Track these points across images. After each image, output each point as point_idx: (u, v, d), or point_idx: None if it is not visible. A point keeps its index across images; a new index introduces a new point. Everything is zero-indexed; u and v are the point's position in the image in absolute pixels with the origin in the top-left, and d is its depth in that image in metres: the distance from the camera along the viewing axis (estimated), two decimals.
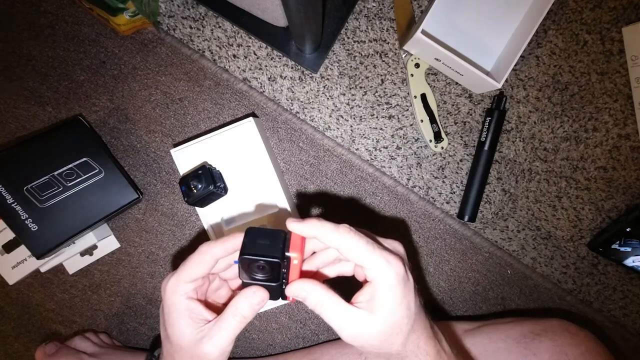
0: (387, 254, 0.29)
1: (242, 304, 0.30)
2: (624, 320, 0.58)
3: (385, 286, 0.29)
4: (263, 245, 0.29)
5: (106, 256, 0.56)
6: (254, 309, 0.30)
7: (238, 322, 0.30)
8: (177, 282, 0.31)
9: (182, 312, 0.30)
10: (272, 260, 0.29)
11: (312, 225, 0.29)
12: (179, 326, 0.30)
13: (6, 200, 0.46)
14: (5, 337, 0.57)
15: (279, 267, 0.29)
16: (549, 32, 0.56)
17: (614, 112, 0.56)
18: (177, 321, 0.30)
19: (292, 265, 0.30)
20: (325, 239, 0.29)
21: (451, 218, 0.57)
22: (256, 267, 0.29)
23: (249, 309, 0.30)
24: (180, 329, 0.30)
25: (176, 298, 0.31)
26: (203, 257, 0.31)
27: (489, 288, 0.58)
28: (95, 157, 0.50)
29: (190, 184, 0.45)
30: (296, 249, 0.30)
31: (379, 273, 0.29)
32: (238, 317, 0.30)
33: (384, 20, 0.55)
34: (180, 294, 0.30)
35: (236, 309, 0.30)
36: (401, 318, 0.29)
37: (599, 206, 0.57)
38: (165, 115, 0.55)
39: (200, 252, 0.31)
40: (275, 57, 0.55)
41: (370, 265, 0.29)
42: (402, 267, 0.29)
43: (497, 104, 0.55)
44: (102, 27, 0.55)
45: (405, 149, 0.56)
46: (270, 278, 0.30)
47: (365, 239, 0.29)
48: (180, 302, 0.30)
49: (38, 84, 0.55)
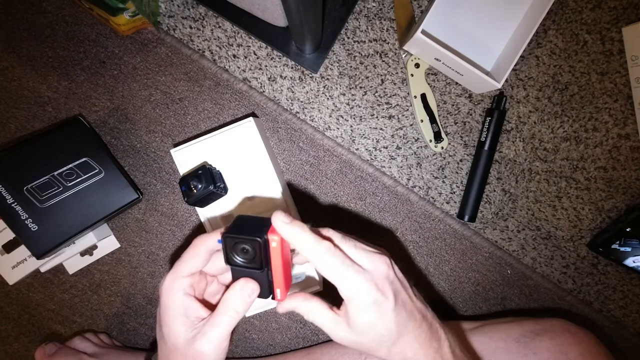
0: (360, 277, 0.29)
1: (233, 298, 0.30)
2: (624, 320, 0.58)
3: (356, 309, 0.29)
4: (247, 228, 0.29)
5: (106, 256, 0.56)
6: (246, 302, 0.30)
7: (231, 318, 0.30)
8: (174, 277, 0.31)
9: (178, 310, 0.30)
10: (252, 238, 0.28)
11: (294, 231, 0.29)
12: (174, 325, 0.30)
13: (6, 200, 0.46)
14: (5, 337, 0.57)
15: (260, 249, 0.29)
16: (549, 32, 0.56)
17: (614, 112, 0.56)
18: (172, 320, 0.30)
19: (271, 248, 0.29)
20: (301, 249, 0.29)
21: (451, 218, 0.57)
22: (239, 250, 0.29)
23: (240, 303, 0.30)
24: (176, 327, 0.30)
25: (173, 295, 0.30)
26: (197, 250, 0.31)
27: (489, 288, 0.58)
28: (95, 157, 0.50)
29: (190, 184, 0.45)
30: (275, 233, 0.29)
31: (350, 296, 0.29)
32: (230, 311, 0.30)
33: (384, 20, 0.55)
34: (177, 290, 0.30)
35: (228, 304, 0.30)
36: (379, 336, 0.29)
37: (599, 206, 0.57)
38: (165, 115, 0.55)
39: (194, 245, 0.31)
40: (275, 57, 0.55)
41: (341, 287, 0.29)
42: (375, 290, 0.29)
43: (497, 104, 0.55)
44: (102, 27, 0.55)
45: (405, 149, 0.56)
46: (254, 263, 0.30)
47: (341, 260, 0.29)
48: (176, 299, 0.30)
49: (38, 84, 0.55)
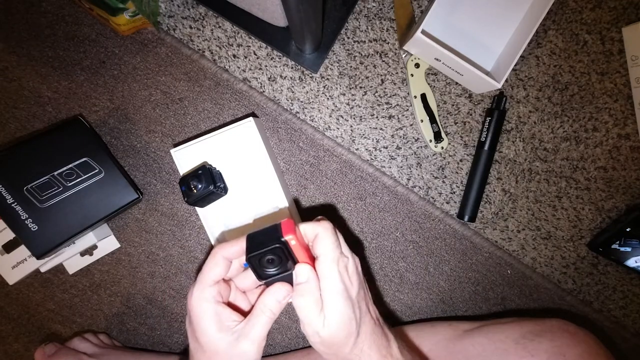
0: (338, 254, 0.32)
1: (268, 300, 0.32)
2: (624, 320, 0.58)
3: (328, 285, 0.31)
4: (263, 241, 0.31)
5: (106, 256, 0.56)
6: (281, 303, 0.32)
7: (268, 318, 0.32)
8: (202, 288, 0.32)
9: (211, 318, 0.31)
10: (273, 247, 0.30)
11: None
12: (211, 332, 0.31)
13: (6, 200, 0.46)
14: (5, 337, 0.57)
15: (283, 252, 0.31)
16: (549, 32, 0.56)
17: (614, 112, 0.56)
18: (208, 329, 0.31)
19: (291, 246, 0.31)
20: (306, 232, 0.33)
21: (451, 218, 0.57)
22: (266, 263, 0.31)
23: (275, 304, 0.32)
24: (213, 334, 0.31)
25: (203, 305, 0.32)
26: (217, 258, 0.33)
27: (489, 288, 0.58)
28: (95, 157, 0.50)
29: (190, 184, 0.45)
30: (288, 232, 0.31)
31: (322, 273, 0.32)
32: (267, 312, 0.32)
33: (384, 20, 0.55)
34: (207, 300, 0.32)
35: (264, 305, 0.32)
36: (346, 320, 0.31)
37: (599, 206, 0.57)
38: (165, 115, 0.55)
39: (214, 254, 0.33)
40: (275, 57, 0.55)
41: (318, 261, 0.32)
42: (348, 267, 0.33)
43: (497, 104, 0.55)
44: (102, 27, 0.55)
45: (405, 149, 0.56)
46: (283, 268, 0.32)
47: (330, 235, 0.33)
48: (208, 308, 0.32)
49: (38, 84, 0.55)
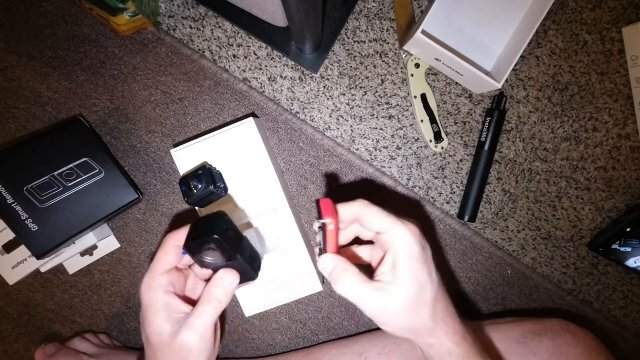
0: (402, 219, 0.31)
1: (214, 289, 0.31)
2: (624, 320, 0.58)
3: (404, 249, 0.29)
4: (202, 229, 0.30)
5: (106, 256, 0.56)
6: (227, 290, 0.32)
7: (214, 307, 0.31)
8: (151, 277, 0.31)
9: (160, 308, 0.31)
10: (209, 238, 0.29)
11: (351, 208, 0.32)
12: (156, 323, 0.31)
13: (6, 200, 0.46)
14: (5, 337, 0.57)
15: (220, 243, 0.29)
16: (549, 32, 0.56)
17: (614, 112, 0.56)
18: (154, 318, 0.31)
19: (327, 231, 0.30)
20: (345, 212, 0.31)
21: (451, 218, 0.57)
22: (205, 252, 0.30)
23: (222, 293, 0.31)
24: (159, 325, 0.31)
25: (153, 294, 0.31)
26: (167, 247, 0.32)
27: (489, 288, 0.58)
28: (95, 157, 0.50)
29: (190, 184, 0.44)
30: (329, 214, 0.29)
31: (397, 237, 0.29)
32: (213, 301, 0.31)
33: (384, 20, 0.55)
34: (156, 289, 0.31)
35: (210, 294, 0.31)
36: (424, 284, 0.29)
37: (599, 206, 0.57)
38: (165, 115, 0.55)
39: (164, 243, 0.32)
40: (275, 57, 0.55)
41: (387, 228, 0.30)
42: (419, 231, 0.30)
43: (497, 104, 0.55)
44: (102, 27, 0.55)
45: (405, 149, 0.56)
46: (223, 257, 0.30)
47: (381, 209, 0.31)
48: (157, 298, 0.31)
49: (38, 84, 0.55)
